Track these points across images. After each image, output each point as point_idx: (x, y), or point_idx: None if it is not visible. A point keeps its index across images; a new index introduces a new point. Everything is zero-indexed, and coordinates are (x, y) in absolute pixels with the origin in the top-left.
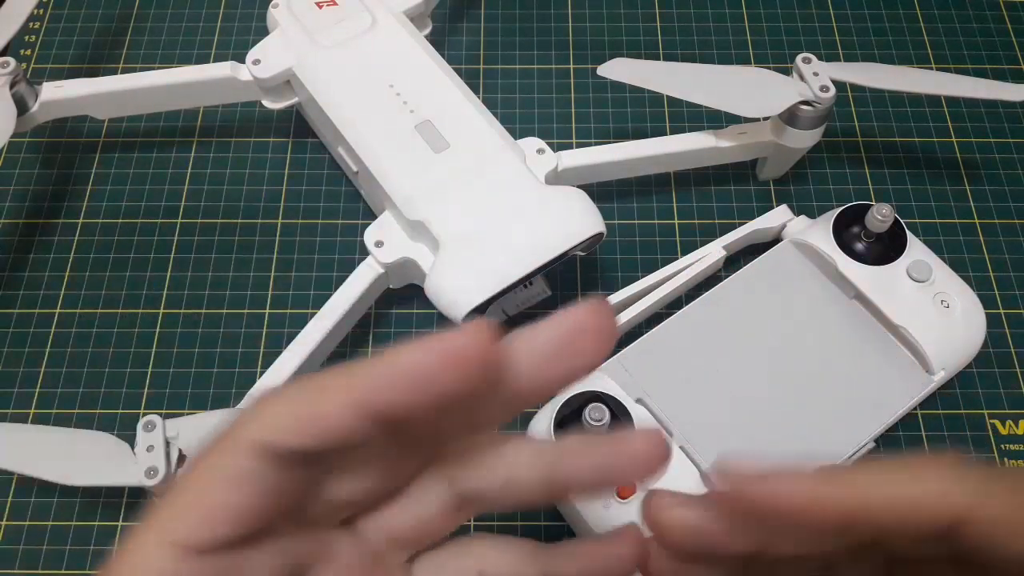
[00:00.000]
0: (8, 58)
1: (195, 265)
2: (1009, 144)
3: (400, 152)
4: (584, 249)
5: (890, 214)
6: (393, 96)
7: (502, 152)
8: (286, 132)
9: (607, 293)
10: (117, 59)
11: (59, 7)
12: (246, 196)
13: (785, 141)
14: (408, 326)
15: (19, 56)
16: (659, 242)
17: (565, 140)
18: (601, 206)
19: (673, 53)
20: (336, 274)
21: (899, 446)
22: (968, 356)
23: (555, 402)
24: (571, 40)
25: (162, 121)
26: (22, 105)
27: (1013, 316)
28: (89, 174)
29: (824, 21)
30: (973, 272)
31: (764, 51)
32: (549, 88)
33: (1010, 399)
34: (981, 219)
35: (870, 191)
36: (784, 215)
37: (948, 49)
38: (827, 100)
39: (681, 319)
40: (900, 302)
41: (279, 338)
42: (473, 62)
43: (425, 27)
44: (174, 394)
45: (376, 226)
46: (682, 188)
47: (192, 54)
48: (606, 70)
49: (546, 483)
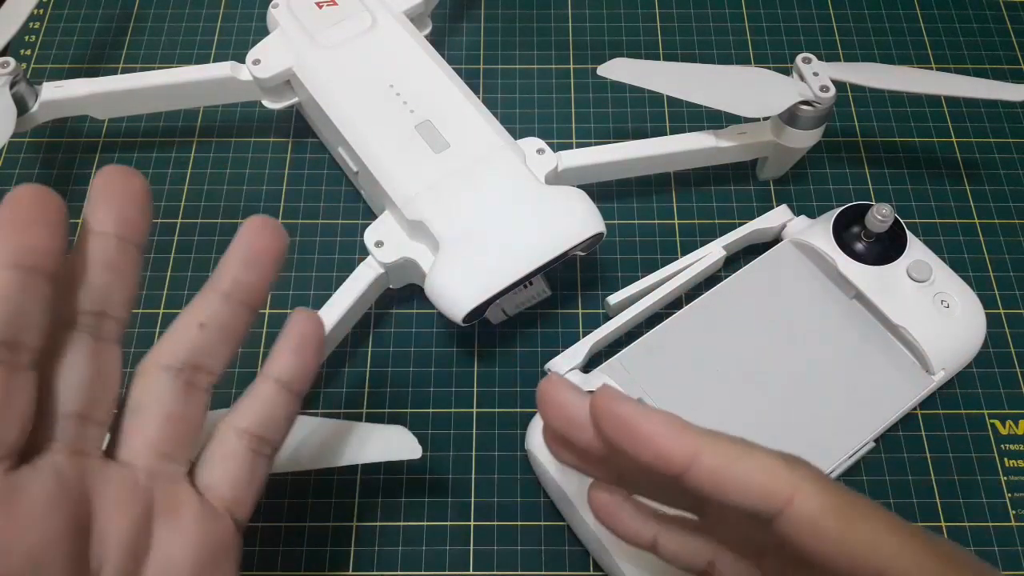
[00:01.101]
0: (8, 58)
1: (195, 265)
2: (1009, 144)
3: (400, 152)
4: (584, 249)
5: (890, 214)
6: (393, 96)
7: (502, 152)
8: (286, 132)
9: (607, 293)
10: (117, 59)
11: (59, 7)
12: (246, 196)
13: (785, 141)
14: (408, 326)
15: (19, 56)
16: (659, 242)
17: (565, 140)
18: (601, 206)
19: (673, 53)
20: (336, 274)
21: (899, 446)
22: (968, 356)
23: None
24: (571, 40)
25: (162, 121)
26: (22, 105)
27: (1013, 316)
28: (89, 174)
29: (824, 21)
30: (973, 272)
31: (764, 51)
32: (549, 88)
33: (1010, 399)
34: (981, 219)
35: (870, 191)
36: (784, 215)
37: (948, 49)
38: (827, 100)
39: (681, 319)
40: (900, 302)
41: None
42: (473, 62)
43: (425, 27)
44: None
45: (376, 226)
46: (682, 188)
47: (192, 54)
48: (606, 70)
49: (229, 306)
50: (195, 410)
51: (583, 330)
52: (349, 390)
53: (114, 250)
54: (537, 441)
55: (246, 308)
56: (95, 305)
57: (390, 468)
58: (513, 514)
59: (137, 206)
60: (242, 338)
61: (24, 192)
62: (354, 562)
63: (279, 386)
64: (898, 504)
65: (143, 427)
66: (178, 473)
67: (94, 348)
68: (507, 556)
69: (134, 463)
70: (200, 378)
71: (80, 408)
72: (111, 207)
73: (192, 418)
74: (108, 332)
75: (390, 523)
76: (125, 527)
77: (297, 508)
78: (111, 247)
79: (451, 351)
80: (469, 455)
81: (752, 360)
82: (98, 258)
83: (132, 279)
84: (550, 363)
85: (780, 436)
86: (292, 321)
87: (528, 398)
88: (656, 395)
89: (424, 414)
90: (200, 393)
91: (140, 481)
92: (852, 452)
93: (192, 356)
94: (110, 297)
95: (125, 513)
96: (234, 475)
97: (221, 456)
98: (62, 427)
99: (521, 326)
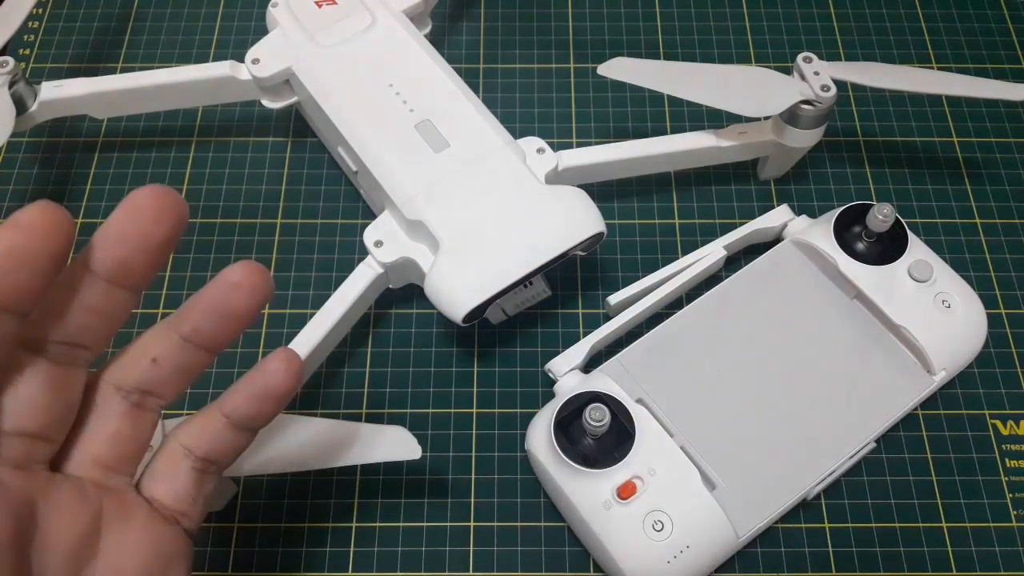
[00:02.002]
0: (7, 57)
1: (194, 265)
2: (1010, 144)
3: (400, 151)
4: (584, 249)
5: (891, 214)
6: (393, 95)
7: (502, 151)
8: (286, 132)
9: (607, 293)
10: (117, 59)
11: (58, 7)
12: (245, 196)
13: (786, 141)
14: (408, 326)
15: (18, 55)
16: (659, 242)
17: (565, 140)
18: (601, 206)
19: (673, 53)
20: (336, 274)
21: (900, 446)
22: (969, 356)
23: (555, 403)
24: (571, 40)
25: (161, 121)
26: (21, 105)
27: (1014, 316)
28: (88, 174)
29: (824, 21)
30: (974, 272)
31: (764, 51)
32: (549, 88)
33: (1011, 399)
34: (982, 219)
35: (871, 191)
36: (785, 215)
37: (949, 48)
38: (828, 99)
39: (681, 319)
40: (901, 302)
41: (279, 338)
42: (473, 62)
43: (425, 27)
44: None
45: (376, 226)
46: (682, 188)
47: (192, 54)
48: (606, 70)
49: (187, 349)
50: (142, 430)
51: (583, 330)
52: (349, 390)
53: (101, 294)
54: (537, 441)
55: (205, 352)
56: (68, 338)
57: (390, 469)
58: (513, 515)
59: (146, 253)
60: (199, 372)
61: (28, 218)
62: (354, 562)
63: (229, 423)
64: (899, 504)
65: (89, 444)
66: (124, 484)
67: (55, 373)
68: (507, 557)
69: (80, 475)
70: (150, 401)
71: (30, 428)
72: (116, 248)
73: (139, 437)
74: (76, 359)
75: (390, 524)
76: (69, 536)
77: (297, 508)
78: (98, 291)
79: (451, 351)
80: (469, 455)
81: (753, 360)
82: (82, 299)
83: (116, 320)
84: (550, 363)
85: (781, 436)
86: (263, 368)
87: (528, 398)
88: (656, 395)
89: (424, 414)
90: (149, 414)
91: (87, 491)
92: (853, 452)
93: (142, 385)
94: (86, 334)
95: (70, 523)
96: (179, 488)
97: (167, 469)
98: (6, 444)
99: (521, 326)
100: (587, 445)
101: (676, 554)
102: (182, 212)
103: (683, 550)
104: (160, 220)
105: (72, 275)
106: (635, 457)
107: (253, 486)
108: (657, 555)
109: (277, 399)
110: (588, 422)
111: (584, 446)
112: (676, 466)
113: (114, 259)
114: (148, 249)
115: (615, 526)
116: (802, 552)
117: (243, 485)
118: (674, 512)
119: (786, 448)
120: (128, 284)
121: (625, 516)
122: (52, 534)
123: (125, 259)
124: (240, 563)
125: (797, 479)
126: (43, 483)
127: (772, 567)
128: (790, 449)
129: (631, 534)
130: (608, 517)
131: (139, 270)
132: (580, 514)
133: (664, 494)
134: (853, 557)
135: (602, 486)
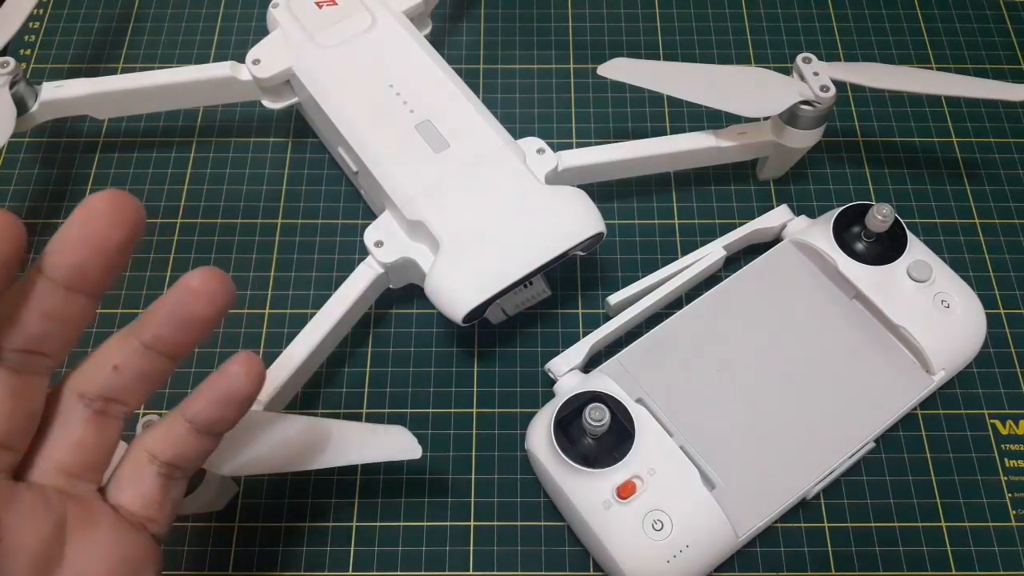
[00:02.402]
0: (8, 58)
1: (194, 265)
2: (1009, 144)
3: (400, 152)
4: (584, 249)
5: (890, 214)
6: (393, 96)
7: (502, 152)
8: (286, 132)
9: (607, 293)
10: (117, 59)
11: (59, 7)
12: (246, 196)
13: (785, 141)
14: (408, 326)
15: (19, 56)
16: (659, 242)
17: (565, 140)
18: (601, 206)
19: (673, 53)
20: (336, 274)
21: (899, 446)
22: (968, 356)
23: (555, 402)
24: (571, 40)
25: (162, 121)
26: (22, 105)
27: (1013, 316)
28: (89, 174)
29: (824, 21)
30: (973, 272)
31: (764, 51)
32: (549, 88)
33: (1010, 399)
34: (981, 219)
35: (870, 191)
36: (784, 215)
37: (948, 49)
38: (827, 100)
39: (681, 319)
40: (900, 302)
41: (279, 338)
42: (473, 62)
43: (425, 27)
44: (174, 394)
45: (376, 226)
46: (682, 188)
47: (192, 54)
48: (606, 70)
49: (148, 356)
50: (107, 438)
51: (583, 330)
52: (349, 390)
53: (59, 300)
54: (537, 441)
55: (167, 359)
56: (27, 346)
57: (390, 468)
58: (513, 514)
59: (104, 257)
60: (163, 379)
61: None
62: (354, 562)
63: (192, 427)
64: (898, 504)
65: (53, 452)
66: (89, 491)
67: (15, 381)
68: (507, 556)
69: (43, 483)
70: (114, 408)
71: None
72: (72, 254)
73: (103, 445)
74: (37, 367)
75: (390, 523)
76: (33, 544)
77: (298, 508)
78: (57, 297)
79: (451, 351)
80: (469, 455)
81: (752, 360)
82: (38, 306)
83: (76, 327)
84: (550, 363)
85: (780, 436)
86: (224, 372)
87: (528, 398)
88: (656, 395)
89: (424, 414)
90: (113, 421)
91: (50, 499)
92: (852, 452)
93: (105, 392)
94: (45, 340)
95: (34, 530)
96: (146, 494)
97: (132, 475)
98: None
99: (521, 326)
100: (587, 445)
101: (676, 553)
102: (139, 216)
103: (683, 549)
104: (116, 224)
105: (29, 282)
106: (635, 457)
107: (254, 486)
108: (657, 554)
109: (239, 403)
110: (588, 422)
111: (584, 446)
112: (676, 466)
113: (70, 264)
114: (105, 253)
115: (615, 526)
116: (801, 552)
117: (244, 485)
118: (674, 512)
119: (785, 448)
120: (86, 289)
121: (625, 516)
122: (15, 542)
123: (82, 264)
124: (241, 563)
125: (796, 479)
126: (5, 492)
127: (772, 567)
128: (789, 449)
129: (631, 534)
130: (608, 517)
131: (96, 275)
132: (580, 514)
133: (664, 494)
134: (852, 557)
135: (602, 486)
